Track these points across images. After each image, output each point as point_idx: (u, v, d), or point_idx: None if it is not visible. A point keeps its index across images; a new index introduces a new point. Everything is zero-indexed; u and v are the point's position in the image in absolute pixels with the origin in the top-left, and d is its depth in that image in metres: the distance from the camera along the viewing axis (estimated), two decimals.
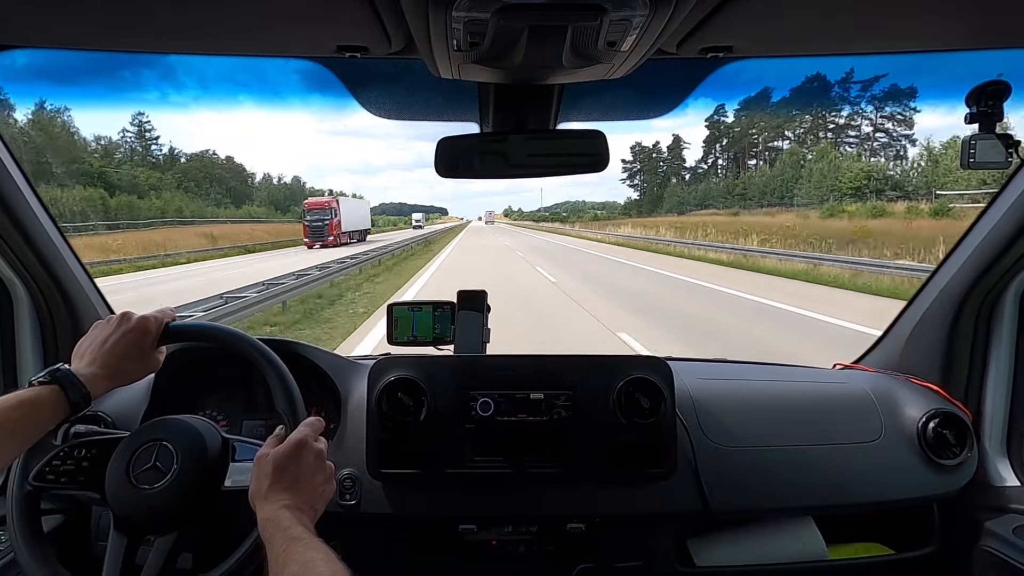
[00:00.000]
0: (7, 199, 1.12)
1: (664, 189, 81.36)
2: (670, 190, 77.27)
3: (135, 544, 0.87)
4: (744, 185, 60.45)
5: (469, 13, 0.70)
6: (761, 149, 69.01)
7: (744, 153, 71.51)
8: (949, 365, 1.37)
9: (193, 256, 24.75)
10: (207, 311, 7.09)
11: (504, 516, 1.24)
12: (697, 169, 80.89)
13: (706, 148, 78.96)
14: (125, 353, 0.92)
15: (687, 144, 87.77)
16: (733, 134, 72.57)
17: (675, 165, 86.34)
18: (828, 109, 60.55)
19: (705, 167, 78.94)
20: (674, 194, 74.42)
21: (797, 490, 1.24)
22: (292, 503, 0.77)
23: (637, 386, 1.17)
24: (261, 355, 0.97)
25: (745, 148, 70.97)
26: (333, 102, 1.25)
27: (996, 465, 1.31)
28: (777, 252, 16.77)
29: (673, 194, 74.61)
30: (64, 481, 0.90)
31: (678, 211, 63.47)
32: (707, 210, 55.85)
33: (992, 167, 1.10)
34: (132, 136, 64.63)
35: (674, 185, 79.79)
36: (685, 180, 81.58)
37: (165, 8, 0.80)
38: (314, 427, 0.88)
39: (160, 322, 0.96)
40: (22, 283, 1.25)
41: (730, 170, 72.33)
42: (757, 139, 69.37)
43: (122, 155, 60.61)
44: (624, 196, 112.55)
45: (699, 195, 67.91)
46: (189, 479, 0.86)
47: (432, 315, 1.41)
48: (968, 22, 0.88)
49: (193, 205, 51.43)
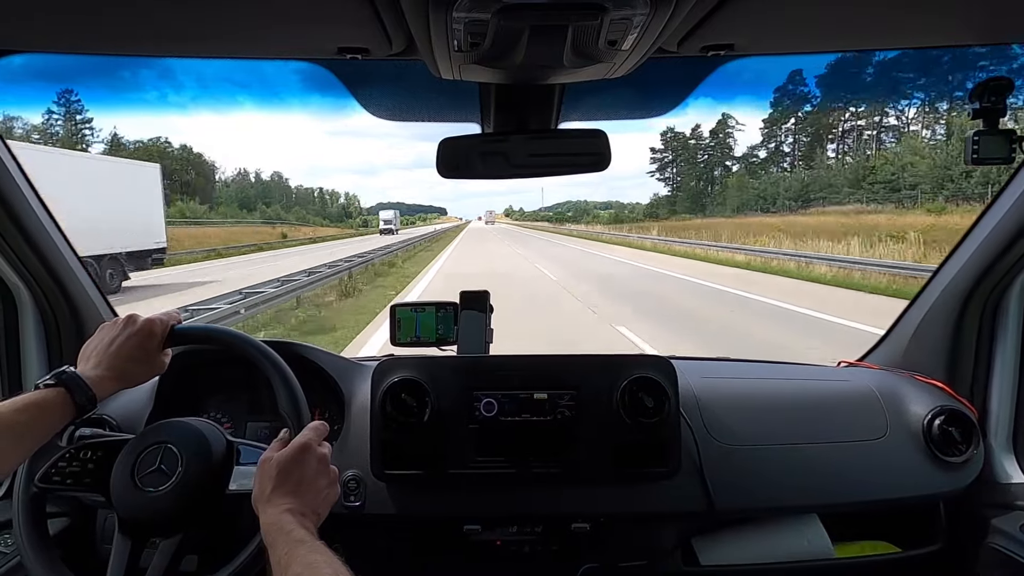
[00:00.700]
0: (10, 202, 1.13)
1: (709, 182, 66.41)
2: (735, 180, 59.79)
3: (139, 547, 0.87)
4: (871, 171, 41.07)
5: (470, 14, 0.70)
6: (847, 131, 54.44)
7: (823, 137, 56.14)
8: (954, 362, 1.36)
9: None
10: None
11: (508, 516, 1.24)
12: (751, 157, 64.03)
13: (767, 130, 61.65)
14: (131, 355, 0.92)
15: (739, 126, 68.27)
16: (804, 115, 57.72)
17: (720, 153, 69.02)
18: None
19: (763, 155, 62.05)
20: (741, 186, 56.68)
21: (802, 488, 1.24)
22: (295, 507, 0.77)
23: (641, 385, 1.16)
24: (265, 357, 0.97)
25: (823, 130, 56.22)
26: (334, 103, 1.26)
27: (1002, 462, 1.30)
28: None
29: (742, 186, 56.77)
30: (69, 483, 0.90)
31: (736, 211, 50.29)
32: (810, 209, 41.12)
33: (996, 163, 1.09)
34: (59, 118, 54.36)
35: (739, 174, 61.90)
36: (732, 171, 64.70)
37: (166, 11, 0.80)
38: (318, 431, 0.88)
39: (166, 324, 0.97)
40: (26, 286, 1.26)
41: (803, 158, 56.72)
42: (842, 121, 53.91)
43: (39, 139, 48.35)
44: (628, 195, 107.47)
45: (772, 189, 52.24)
46: (193, 482, 0.87)
47: (435, 316, 1.41)
48: (969, 18, 0.88)
49: None
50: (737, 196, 55.50)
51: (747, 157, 65.61)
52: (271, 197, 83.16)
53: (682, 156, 72.03)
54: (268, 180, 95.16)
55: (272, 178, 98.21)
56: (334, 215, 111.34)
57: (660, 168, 75.31)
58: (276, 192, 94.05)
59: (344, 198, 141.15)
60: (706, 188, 67.40)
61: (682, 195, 69.12)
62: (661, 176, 75.77)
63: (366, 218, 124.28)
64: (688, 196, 67.07)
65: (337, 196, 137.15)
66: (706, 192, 67.06)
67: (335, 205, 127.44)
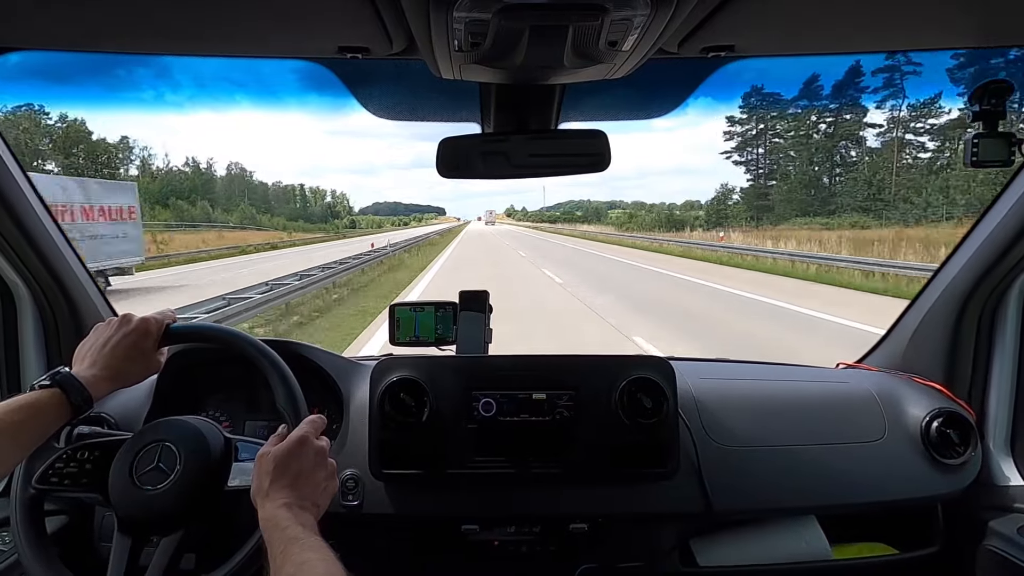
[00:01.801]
0: (9, 200, 1.13)
1: (838, 167, 41.98)
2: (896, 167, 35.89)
3: (139, 545, 0.87)
4: None
5: (470, 13, 0.70)
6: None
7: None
8: (953, 364, 1.36)
9: None
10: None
11: (507, 516, 1.24)
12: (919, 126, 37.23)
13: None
14: (126, 355, 0.92)
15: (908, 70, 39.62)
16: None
17: (848, 126, 43.22)
18: None
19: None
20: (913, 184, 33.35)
21: (800, 490, 1.24)
22: (293, 500, 0.77)
23: (639, 386, 1.16)
24: (262, 354, 0.97)
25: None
26: (333, 103, 1.25)
27: (1000, 464, 1.30)
28: None
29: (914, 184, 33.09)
30: (67, 484, 0.90)
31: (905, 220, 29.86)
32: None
33: (995, 166, 1.09)
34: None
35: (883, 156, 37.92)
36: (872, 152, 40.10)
37: (166, 10, 0.80)
38: (315, 424, 0.88)
39: (161, 324, 0.97)
40: (25, 284, 1.26)
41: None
42: None
43: None
44: (629, 195, 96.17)
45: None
46: (192, 479, 0.87)
47: (434, 315, 1.41)
48: (969, 21, 0.88)
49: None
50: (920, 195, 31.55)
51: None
52: (214, 193, 68.85)
53: (782, 130, 44.56)
54: (229, 175, 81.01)
55: (232, 171, 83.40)
56: (316, 215, 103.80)
57: (740, 147, 48.40)
58: (235, 188, 79.62)
59: (331, 196, 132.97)
60: (828, 178, 42.66)
61: (784, 188, 44.03)
62: (740, 158, 48.56)
63: (354, 218, 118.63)
64: (802, 184, 42.53)
65: (323, 194, 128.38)
66: (828, 183, 42.71)
67: (319, 204, 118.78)
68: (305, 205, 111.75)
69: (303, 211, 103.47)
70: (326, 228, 75.34)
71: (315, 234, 56.81)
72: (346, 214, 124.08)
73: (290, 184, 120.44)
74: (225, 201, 71.58)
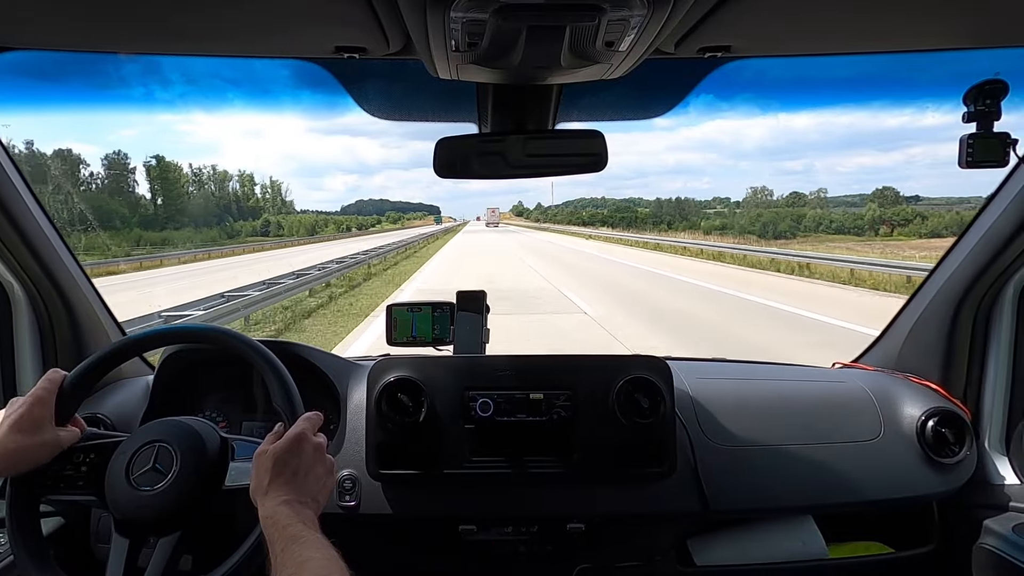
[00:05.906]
0: (5, 201, 1.12)
1: None
2: None
3: (137, 546, 0.87)
4: None
5: (467, 13, 0.70)
6: None
7: None
8: (948, 363, 1.37)
9: None
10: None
11: (504, 516, 1.24)
12: None
13: None
14: (18, 428, 0.83)
15: None
16: None
17: None
18: None
19: None
20: None
21: (797, 489, 1.24)
22: (293, 497, 0.77)
23: (636, 386, 1.16)
24: (257, 352, 0.97)
25: None
26: (330, 102, 1.24)
27: (995, 463, 1.31)
28: None
29: None
30: (63, 486, 0.89)
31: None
32: None
33: (990, 166, 1.10)
34: None
35: None
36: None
37: (162, 10, 0.80)
38: (312, 421, 0.88)
39: (51, 384, 0.88)
40: (20, 285, 1.25)
41: None
42: None
43: None
44: (626, 193, 72.53)
45: None
46: (189, 480, 0.86)
47: (431, 316, 1.41)
48: (967, 22, 0.88)
49: None
50: None
51: None
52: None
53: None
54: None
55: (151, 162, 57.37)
56: (198, 214, 68.02)
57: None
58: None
59: (256, 185, 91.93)
60: None
61: None
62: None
63: (279, 219, 79.60)
64: None
65: (227, 178, 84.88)
66: None
67: (221, 194, 76.93)
68: (179, 196, 70.57)
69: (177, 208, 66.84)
70: (203, 236, 49.90)
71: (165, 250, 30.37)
72: (276, 211, 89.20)
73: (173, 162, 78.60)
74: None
